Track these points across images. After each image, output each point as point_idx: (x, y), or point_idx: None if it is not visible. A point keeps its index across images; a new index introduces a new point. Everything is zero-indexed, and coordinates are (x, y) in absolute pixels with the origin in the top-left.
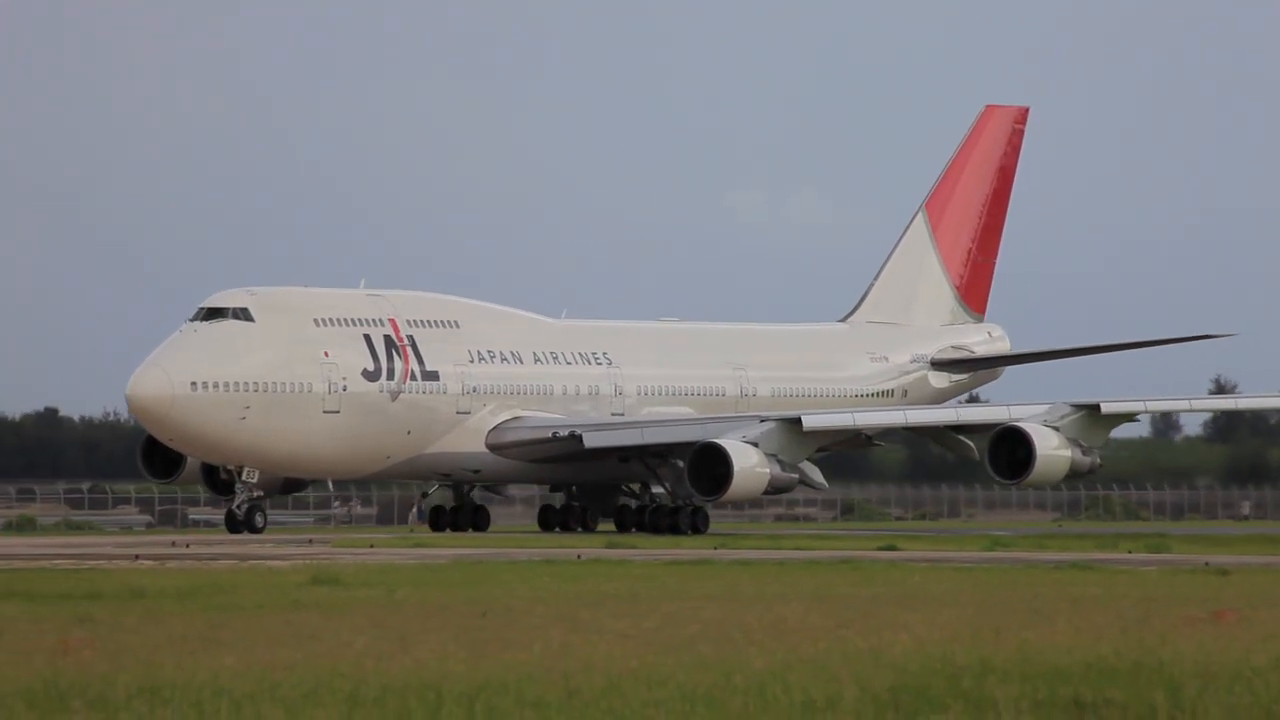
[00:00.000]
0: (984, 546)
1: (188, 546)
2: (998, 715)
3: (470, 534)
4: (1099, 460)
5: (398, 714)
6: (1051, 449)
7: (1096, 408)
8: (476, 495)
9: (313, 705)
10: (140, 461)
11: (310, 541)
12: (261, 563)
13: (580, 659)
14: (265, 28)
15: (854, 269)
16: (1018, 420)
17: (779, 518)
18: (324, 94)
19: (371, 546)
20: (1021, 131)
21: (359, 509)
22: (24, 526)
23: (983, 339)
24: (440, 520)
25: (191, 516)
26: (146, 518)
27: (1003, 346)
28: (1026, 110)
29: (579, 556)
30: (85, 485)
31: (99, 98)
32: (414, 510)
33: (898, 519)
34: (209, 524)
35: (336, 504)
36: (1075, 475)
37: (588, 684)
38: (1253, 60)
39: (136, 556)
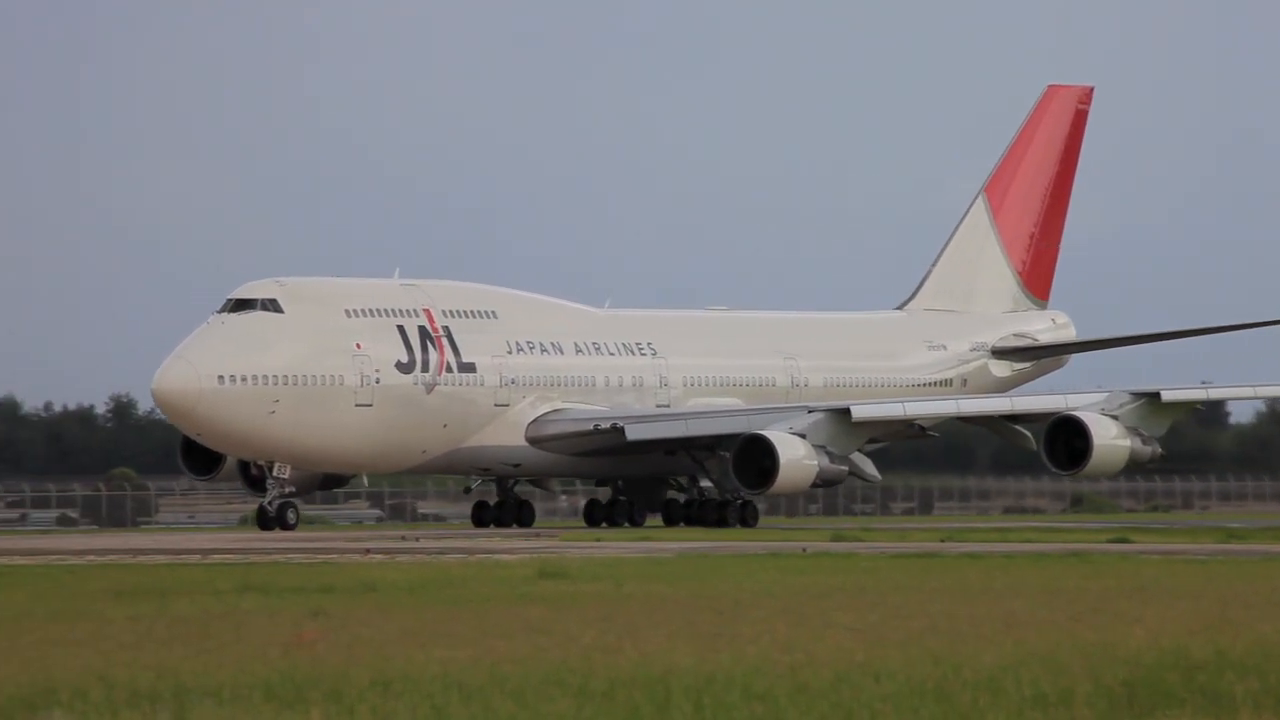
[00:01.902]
0: (1219, 539)
1: (418, 540)
2: (1235, 711)
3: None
4: (1160, 450)
5: (626, 707)
6: (1110, 439)
7: (1157, 396)
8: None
9: (542, 698)
10: (180, 458)
11: (537, 535)
12: (490, 556)
13: (807, 652)
14: (304, 11)
15: (911, 255)
16: (1074, 409)
17: (1007, 510)
18: (359, 78)
19: (598, 540)
20: (1085, 112)
21: (582, 502)
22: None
23: (1047, 326)
24: (483, 516)
25: (420, 510)
26: (377, 512)
27: (1068, 334)
28: (1091, 90)
29: (804, 550)
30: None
31: (129, 85)
32: None
33: (1129, 511)
34: (438, 518)
35: (563, 498)
36: (1135, 466)
37: (815, 678)
38: None
39: (367, 550)
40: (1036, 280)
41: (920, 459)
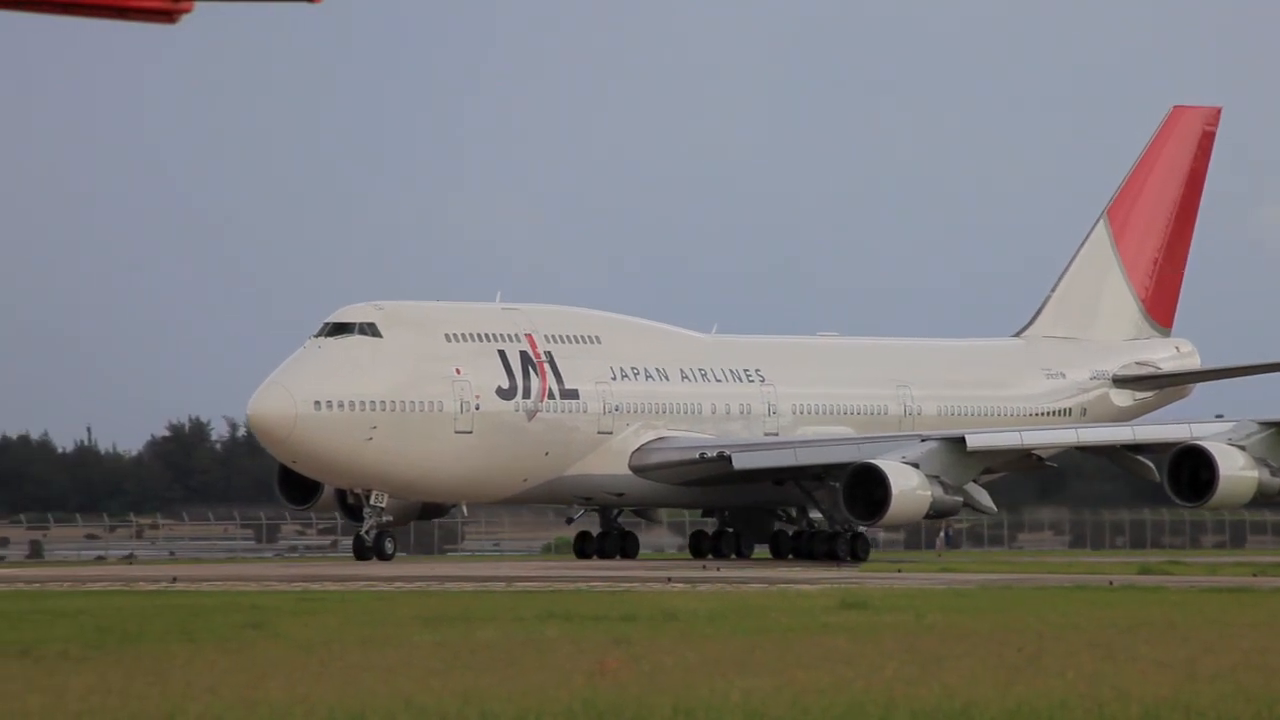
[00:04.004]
0: None
1: (719, 570)
2: None
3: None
4: None
5: None
6: (1236, 469)
7: None
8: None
9: None
10: (277, 487)
11: (839, 565)
12: (791, 586)
13: (1114, 686)
14: (402, 35)
15: (1029, 280)
16: (1199, 439)
17: None
18: (458, 101)
19: (899, 571)
20: (1212, 134)
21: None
22: (562, 549)
23: (1170, 354)
24: (586, 547)
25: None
26: (678, 539)
27: (1192, 362)
28: (1218, 111)
29: (1111, 583)
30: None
31: (232, 111)
32: (940, 535)
33: None
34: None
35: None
36: (1264, 497)
37: (1123, 712)
38: None
39: (669, 579)
40: (1160, 307)
41: None
